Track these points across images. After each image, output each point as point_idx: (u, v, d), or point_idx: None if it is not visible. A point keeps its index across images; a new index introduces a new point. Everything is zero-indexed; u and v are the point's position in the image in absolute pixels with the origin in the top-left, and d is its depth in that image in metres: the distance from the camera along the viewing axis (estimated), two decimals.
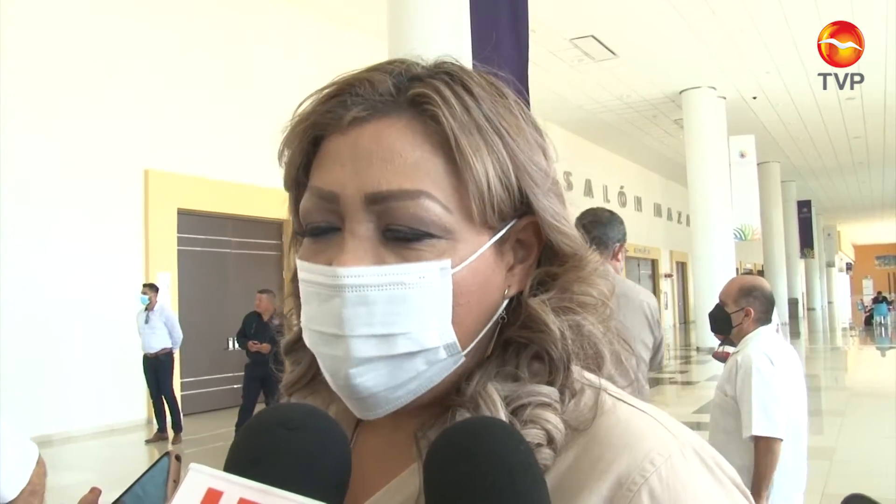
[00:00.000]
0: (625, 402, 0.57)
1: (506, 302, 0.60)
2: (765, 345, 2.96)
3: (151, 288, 8.39)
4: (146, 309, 8.26)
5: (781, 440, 2.75)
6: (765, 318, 3.06)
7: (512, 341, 0.59)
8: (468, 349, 0.58)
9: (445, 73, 0.59)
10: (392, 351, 0.55)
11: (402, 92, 0.58)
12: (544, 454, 0.53)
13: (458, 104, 0.57)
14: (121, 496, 0.58)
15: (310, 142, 0.61)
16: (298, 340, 0.65)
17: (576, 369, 0.59)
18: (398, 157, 0.55)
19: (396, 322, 0.54)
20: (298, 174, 0.62)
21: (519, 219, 0.60)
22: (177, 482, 0.54)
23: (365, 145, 0.56)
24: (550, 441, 0.54)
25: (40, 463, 1.55)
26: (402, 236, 0.55)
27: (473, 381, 0.58)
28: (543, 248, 0.62)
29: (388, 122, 0.57)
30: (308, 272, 0.57)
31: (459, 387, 0.59)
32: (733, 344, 3.18)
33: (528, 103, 0.66)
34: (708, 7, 11.55)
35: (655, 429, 0.54)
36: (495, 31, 5.21)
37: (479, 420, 0.51)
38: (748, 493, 0.54)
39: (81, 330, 8.68)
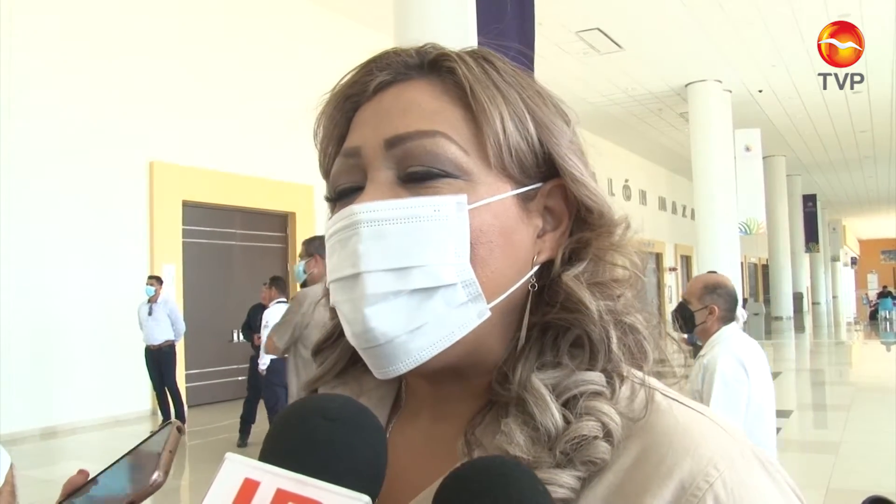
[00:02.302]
0: (679, 402, 0.56)
1: (535, 268, 0.60)
2: (734, 347, 2.96)
3: (157, 280, 8.40)
4: (149, 301, 8.27)
5: None
6: (728, 317, 3.06)
7: (550, 326, 0.58)
8: (493, 304, 0.57)
9: (472, 49, 0.63)
10: (408, 285, 0.54)
11: (425, 58, 0.62)
12: (601, 448, 0.52)
13: (476, 66, 0.60)
14: (119, 458, 0.58)
15: (342, 115, 0.63)
16: (327, 340, 0.67)
17: (625, 367, 0.58)
18: (417, 107, 0.58)
19: (412, 255, 0.54)
20: (331, 148, 0.64)
21: (545, 182, 0.61)
22: (172, 452, 0.53)
23: (387, 104, 0.60)
24: (607, 434, 0.52)
25: (12, 466, 1.65)
26: (419, 176, 0.56)
27: (518, 371, 0.56)
28: (575, 218, 0.62)
29: (409, 83, 0.60)
30: (331, 224, 0.59)
31: (504, 377, 0.57)
32: (694, 341, 3.21)
33: None
34: (715, 0, 11.50)
35: (716, 432, 0.53)
36: (501, 23, 5.19)
37: (494, 460, 0.49)
38: (803, 497, 0.53)
39: (86, 321, 8.71)
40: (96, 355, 8.76)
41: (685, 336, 7.91)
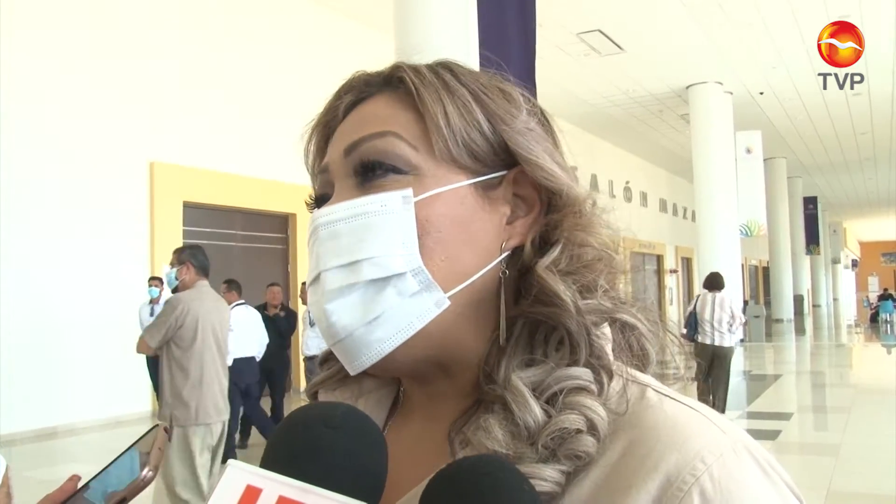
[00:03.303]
0: (670, 397, 0.56)
1: (504, 255, 0.60)
2: None
3: (160, 281, 8.40)
4: (151, 302, 8.27)
5: None
6: None
7: (538, 324, 0.58)
8: (452, 292, 0.57)
9: (437, 61, 0.65)
10: (359, 277, 0.56)
11: (384, 75, 0.65)
12: (586, 442, 0.51)
13: (428, 73, 0.63)
14: (109, 464, 0.59)
15: (324, 140, 0.67)
16: None
17: (618, 364, 0.57)
18: (372, 116, 0.62)
19: (361, 249, 0.57)
20: (317, 171, 0.67)
21: (509, 170, 0.62)
22: (161, 450, 0.55)
23: (350, 121, 0.63)
24: (592, 427, 0.52)
25: (7, 468, 1.67)
26: (368, 169, 0.59)
27: (501, 370, 0.56)
28: (548, 203, 0.62)
29: (370, 99, 0.64)
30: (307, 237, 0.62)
31: (489, 375, 0.57)
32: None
33: (534, 97, 0.67)
34: (715, 1, 11.50)
35: (705, 426, 0.52)
36: (502, 25, 5.19)
37: (481, 460, 0.49)
38: (800, 495, 0.52)
39: (87, 322, 8.70)
40: (96, 356, 8.75)
41: (684, 332, 7.84)
